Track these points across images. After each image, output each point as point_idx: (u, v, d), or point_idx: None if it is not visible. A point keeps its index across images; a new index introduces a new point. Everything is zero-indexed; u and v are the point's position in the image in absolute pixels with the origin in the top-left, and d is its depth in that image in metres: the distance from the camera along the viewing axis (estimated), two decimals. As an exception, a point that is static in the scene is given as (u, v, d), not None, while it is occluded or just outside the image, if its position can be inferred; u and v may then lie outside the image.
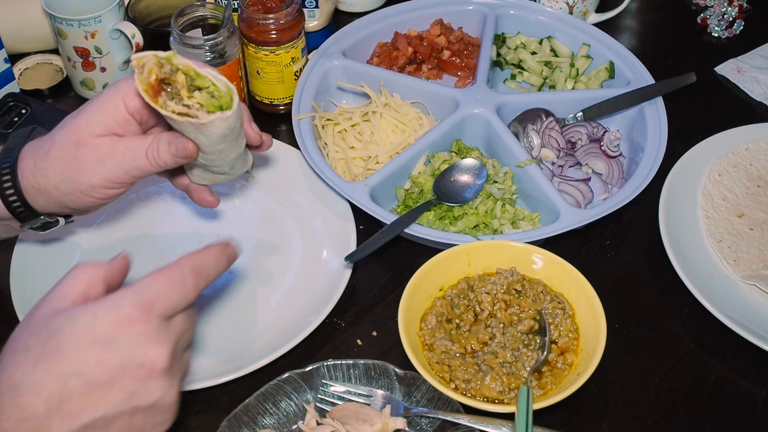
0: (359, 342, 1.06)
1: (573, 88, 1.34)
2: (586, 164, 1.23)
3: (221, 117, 0.79)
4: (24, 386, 0.62)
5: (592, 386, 1.00)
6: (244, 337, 1.05)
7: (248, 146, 0.94)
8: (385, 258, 1.14)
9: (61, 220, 0.94)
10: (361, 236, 1.13)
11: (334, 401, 0.96)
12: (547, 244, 1.11)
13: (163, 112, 0.79)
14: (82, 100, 1.36)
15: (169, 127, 0.88)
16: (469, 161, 1.18)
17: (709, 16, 1.52)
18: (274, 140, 1.23)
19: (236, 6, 1.25)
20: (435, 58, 1.39)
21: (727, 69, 1.43)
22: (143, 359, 0.63)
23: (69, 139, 0.85)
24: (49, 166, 0.86)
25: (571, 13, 1.44)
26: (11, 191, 0.87)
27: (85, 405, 0.62)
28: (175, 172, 0.98)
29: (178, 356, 0.67)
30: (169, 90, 0.80)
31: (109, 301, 0.64)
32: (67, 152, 0.85)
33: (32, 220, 0.91)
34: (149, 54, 0.79)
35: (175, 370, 0.67)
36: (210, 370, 0.99)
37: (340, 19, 1.46)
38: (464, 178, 1.16)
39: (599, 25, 1.46)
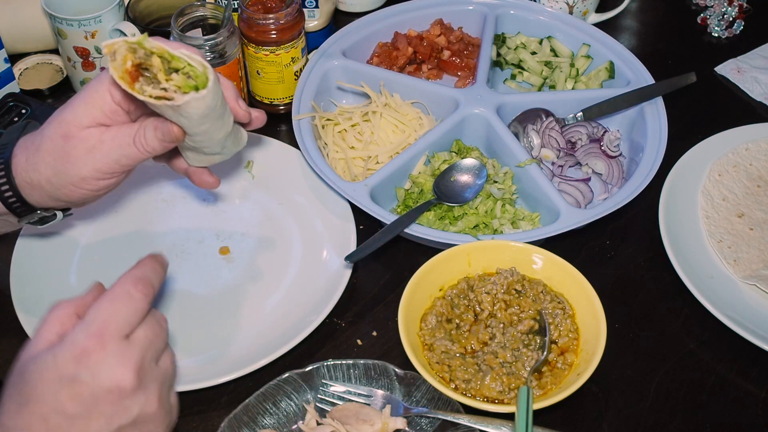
0: (359, 342, 1.06)
1: (573, 88, 1.34)
2: (586, 164, 1.23)
3: (196, 97, 0.78)
4: (12, 429, 0.67)
5: (592, 386, 1.00)
6: (244, 337, 1.05)
7: (241, 124, 0.93)
8: (385, 258, 1.14)
9: (59, 214, 0.95)
10: (361, 236, 1.13)
11: (334, 401, 0.96)
12: (547, 244, 1.11)
13: (139, 97, 0.78)
14: (82, 100, 1.36)
15: (156, 114, 0.88)
16: (469, 161, 1.18)
17: (709, 16, 1.52)
18: (273, 140, 1.24)
19: (236, 6, 1.25)
20: (435, 58, 1.39)
21: (727, 69, 1.43)
22: (110, 384, 0.67)
23: (57, 132, 0.85)
24: (40, 160, 0.86)
25: (571, 13, 1.44)
26: (6, 187, 0.88)
27: None
28: (172, 156, 0.97)
29: (147, 367, 0.70)
30: (147, 75, 0.79)
31: (66, 339, 0.68)
32: (57, 146, 0.85)
33: (29, 215, 0.92)
34: (119, 40, 0.78)
35: (147, 381, 0.70)
36: (210, 370, 0.99)
37: (340, 19, 1.46)
38: (464, 178, 1.16)
39: (599, 25, 1.46)
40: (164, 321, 0.76)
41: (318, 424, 0.94)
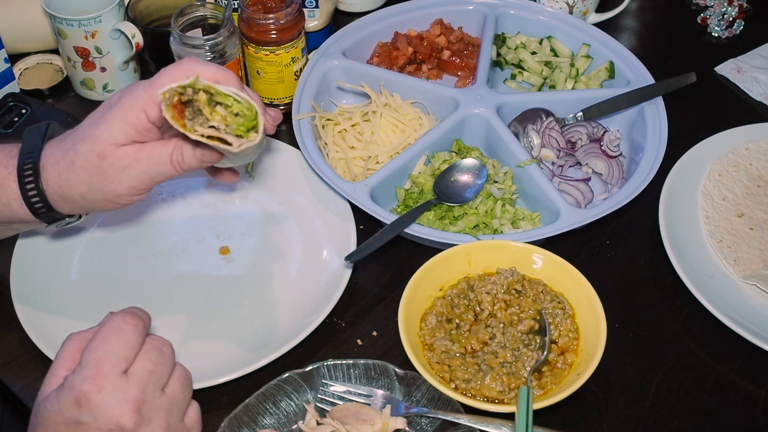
0: (359, 342, 1.06)
1: (573, 88, 1.34)
2: (586, 164, 1.23)
3: (252, 144, 0.81)
4: None
5: (592, 386, 1.00)
6: (244, 337, 1.05)
7: None
8: (385, 258, 1.14)
9: (82, 216, 0.97)
10: (361, 236, 1.13)
11: (334, 401, 0.96)
12: (547, 244, 1.11)
13: (192, 136, 0.80)
14: (82, 100, 1.36)
15: None
16: (469, 161, 1.18)
17: (709, 16, 1.52)
18: (273, 140, 1.25)
19: (236, 6, 1.25)
20: (435, 58, 1.39)
21: (727, 69, 1.43)
22: (112, 424, 0.70)
23: (93, 150, 0.86)
24: (74, 176, 0.87)
25: (571, 13, 1.44)
26: (34, 192, 0.88)
27: None
28: None
29: (150, 400, 0.72)
30: (190, 108, 0.81)
31: (66, 383, 0.71)
32: (92, 164, 0.86)
33: (59, 221, 0.94)
34: (174, 86, 0.80)
35: (150, 414, 0.72)
36: (210, 370, 0.99)
37: (340, 19, 1.46)
38: (464, 178, 1.16)
39: (599, 25, 1.46)
40: (166, 346, 0.77)
41: (318, 424, 0.94)
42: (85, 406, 0.69)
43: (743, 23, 1.51)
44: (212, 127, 0.80)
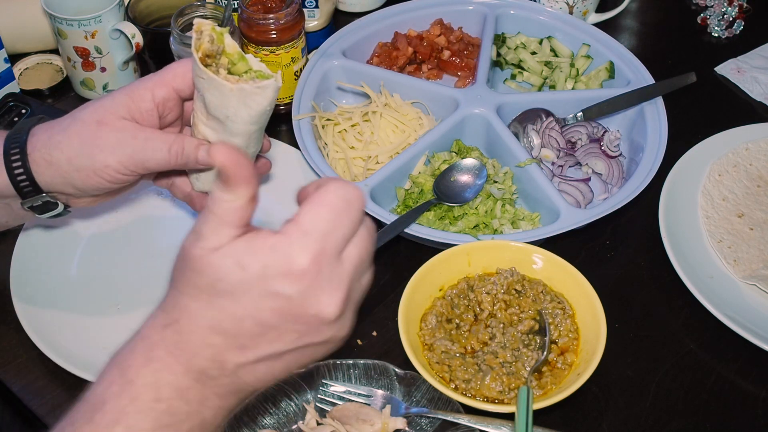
0: (359, 342, 1.06)
1: (573, 88, 1.34)
2: (586, 164, 1.23)
3: (275, 84, 0.81)
4: (196, 314, 0.64)
5: (592, 386, 1.00)
6: (244, 337, 1.05)
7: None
8: (385, 258, 1.14)
9: (60, 206, 0.94)
10: (361, 236, 1.12)
11: (334, 401, 0.96)
12: (547, 244, 1.11)
13: (211, 75, 0.80)
14: (82, 100, 1.36)
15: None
16: (469, 161, 1.18)
17: (709, 16, 1.52)
18: (273, 140, 1.24)
19: (236, 6, 1.25)
20: (435, 58, 1.39)
21: (727, 69, 1.43)
22: (316, 309, 0.63)
23: (92, 117, 0.86)
24: (65, 139, 0.87)
25: (571, 13, 1.44)
26: (18, 164, 0.88)
27: (259, 342, 0.64)
28: (177, 180, 0.99)
29: (353, 291, 0.66)
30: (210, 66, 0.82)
31: (278, 249, 0.63)
32: (88, 129, 0.86)
33: (33, 197, 0.91)
34: (208, 24, 0.81)
35: (348, 307, 0.66)
36: (210, 370, 0.99)
37: (340, 19, 1.46)
38: (464, 178, 1.16)
39: (599, 25, 1.46)
40: (374, 230, 0.69)
41: (318, 424, 0.94)
42: (297, 282, 0.62)
43: (743, 23, 1.51)
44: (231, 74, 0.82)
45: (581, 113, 1.25)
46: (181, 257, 0.67)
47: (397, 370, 0.96)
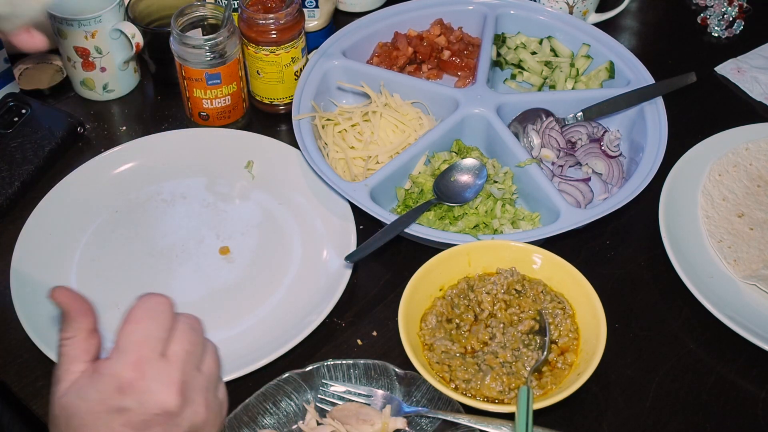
0: (359, 342, 1.06)
1: (573, 88, 1.34)
2: (586, 164, 1.23)
3: None
4: None
5: (592, 386, 1.00)
6: (244, 338, 1.05)
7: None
8: (385, 258, 1.14)
9: None
10: (361, 236, 1.13)
11: (334, 401, 0.96)
12: (547, 244, 1.11)
13: None
14: (82, 100, 1.36)
15: None
16: (469, 161, 1.18)
17: (709, 16, 1.52)
18: (273, 140, 1.25)
19: (236, 6, 1.25)
20: (435, 58, 1.39)
21: (727, 69, 1.43)
22: (157, 408, 0.69)
23: None
24: None
25: (571, 13, 1.44)
26: None
27: None
28: None
29: (190, 381, 0.71)
30: None
31: (103, 371, 0.70)
32: None
33: None
34: None
35: (192, 395, 0.71)
36: (210, 370, 0.99)
37: (340, 19, 1.46)
38: (464, 178, 1.16)
39: (599, 25, 1.46)
40: (197, 323, 0.76)
41: (318, 424, 0.94)
42: (129, 392, 0.68)
43: (743, 23, 1.51)
44: None
45: (581, 113, 1.25)
46: (50, 403, 0.73)
47: (397, 370, 0.96)
